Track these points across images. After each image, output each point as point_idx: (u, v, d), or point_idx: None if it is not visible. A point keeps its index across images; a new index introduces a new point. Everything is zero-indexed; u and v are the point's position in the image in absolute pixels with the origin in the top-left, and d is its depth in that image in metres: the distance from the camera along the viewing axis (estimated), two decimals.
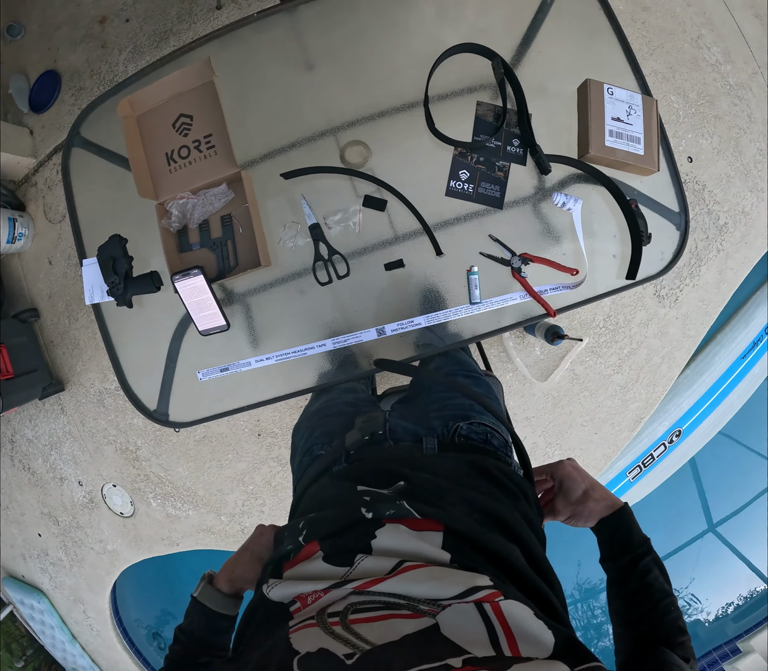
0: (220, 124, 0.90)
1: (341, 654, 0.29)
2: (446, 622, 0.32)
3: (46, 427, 2.01)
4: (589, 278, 0.91)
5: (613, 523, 0.55)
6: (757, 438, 2.26)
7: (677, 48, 1.56)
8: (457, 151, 0.90)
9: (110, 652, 2.36)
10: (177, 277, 0.87)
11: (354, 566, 0.39)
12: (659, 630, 0.48)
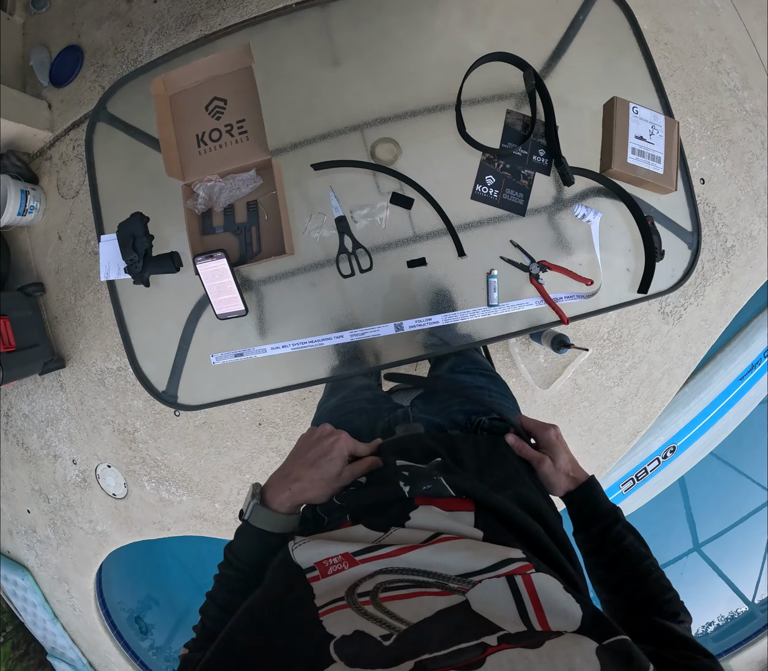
0: (254, 110, 0.90)
1: (377, 635, 0.30)
2: (476, 599, 0.32)
3: (44, 403, 2.02)
4: (602, 289, 0.94)
5: (580, 496, 0.57)
6: (745, 461, 2.34)
7: (697, 71, 1.61)
8: (485, 157, 0.93)
9: (91, 634, 2.38)
10: (200, 259, 0.87)
11: (388, 532, 0.40)
12: (644, 591, 0.49)
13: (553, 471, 0.57)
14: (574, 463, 0.59)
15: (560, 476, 0.57)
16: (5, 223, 1.82)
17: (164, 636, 2.64)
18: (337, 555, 0.38)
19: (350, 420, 0.76)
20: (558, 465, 0.57)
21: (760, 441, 2.35)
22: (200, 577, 2.64)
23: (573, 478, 0.58)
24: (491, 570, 0.35)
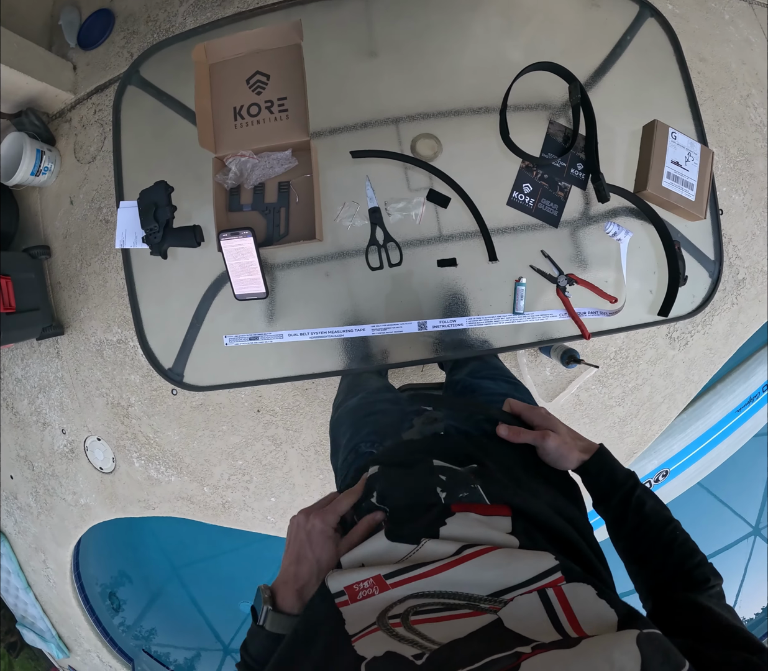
0: (298, 89, 0.88)
1: (409, 655, 0.29)
2: (509, 616, 0.32)
3: (38, 369, 2.00)
4: (624, 308, 0.95)
5: (595, 465, 0.55)
6: (730, 492, 2.40)
7: (726, 103, 1.65)
8: (524, 164, 0.94)
9: (63, 606, 2.39)
10: (225, 235, 0.85)
11: (420, 546, 0.40)
12: (672, 559, 0.48)
13: (560, 442, 0.55)
14: (573, 432, 0.58)
15: (569, 446, 0.55)
16: (17, 181, 1.80)
17: (135, 615, 2.66)
18: (368, 578, 0.37)
19: (374, 421, 0.75)
20: (561, 434, 0.56)
21: (746, 474, 2.43)
22: (177, 559, 2.65)
23: (583, 447, 0.56)
24: (523, 586, 0.35)
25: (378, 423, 0.74)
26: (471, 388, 0.88)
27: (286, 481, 1.80)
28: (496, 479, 0.48)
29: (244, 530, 1.90)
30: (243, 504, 1.84)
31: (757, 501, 2.52)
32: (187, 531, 2.53)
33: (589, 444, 0.57)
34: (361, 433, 0.73)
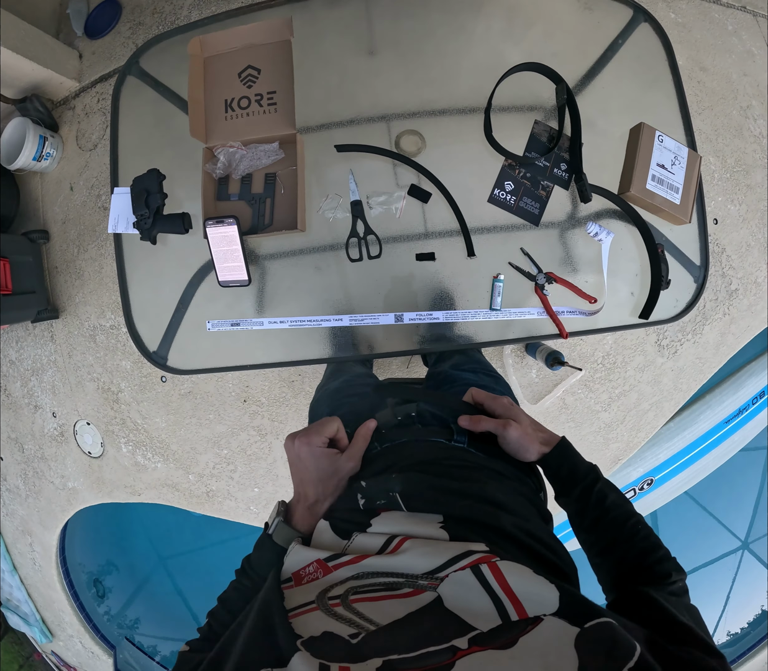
0: (287, 83, 0.93)
1: (346, 634, 0.30)
2: (448, 594, 0.33)
3: (32, 352, 2.07)
4: (604, 309, 0.97)
5: (556, 458, 0.56)
6: (720, 505, 2.44)
7: (725, 113, 1.69)
8: (507, 163, 0.97)
9: (48, 590, 2.46)
10: (210, 223, 0.90)
11: (351, 540, 0.43)
12: (633, 552, 0.49)
13: (521, 433, 0.56)
14: (535, 424, 0.59)
15: (530, 437, 0.56)
16: (19, 165, 1.86)
17: (120, 604, 2.72)
18: (312, 562, 0.40)
19: (352, 403, 0.78)
20: (523, 425, 0.57)
21: (737, 488, 2.47)
22: (164, 549, 2.71)
23: (544, 439, 0.57)
24: (452, 563, 0.35)
25: (355, 406, 0.76)
26: (451, 379, 0.91)
27: (270, 472, 1.85)
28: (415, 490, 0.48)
29: (228, 520, 1.95)
30: (227, 494, 1.90)
31: (747, 516, 2.54)
32: (174, 521, 2.59)
33: (551, 437, 0.58)
34: (338, 413, 0.74)
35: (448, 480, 0.50)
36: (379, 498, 0.47)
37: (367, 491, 0.48)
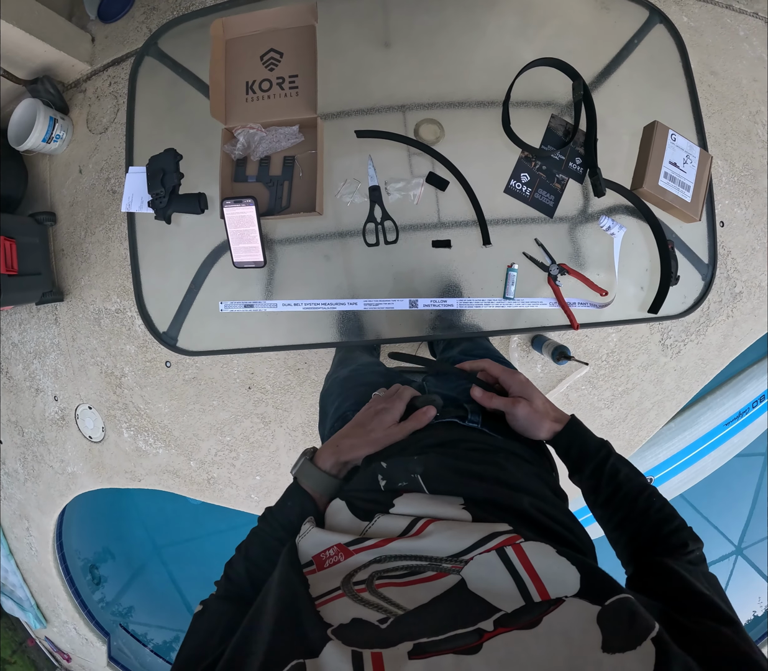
0: (309, 67, 0.94)
1: (375, 620, 0.31)
2: (472, 577, 0.34)
3: (35, 335, 2.07)
4: (614, 303, 0.99)
5: (566, 436, 0.57)
6: (714, 509, 2.48)
7: (734, 117, 1.72)
8: (524, 155, 0.98)
9: (43, 575, 2.47)
10: (228, 202, 0.91)
11: (372, 521, 0.43)
12: (648, 525, 0.50)
13: (531, 411, 0.56)
14: (548, 403, 0.59)
15: (540, 415, 0.56)
16: (29, 147, 1.86)
17: (115, 591, 2.75)
18: (332, 545, 0.40)
19: (362, 392, 0.78)
20: (535, 404, 0.57)
21: (733, 493, 2.51)
22: (160, 538, 2.73)
23: (555, 417, 0.57)
24: (479, 546, 0.36)
25: (365, 394, 0.76)
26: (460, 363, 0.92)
27: (272, 460, 1.86)
28: (436, 472, 0.48)
29: (225, 510, 1.96)
30: (228, 481, 1.91)
31: (741, 521, 2.57)
32: (171, 510, 2.61)
33: (562, 415, 0.58)
34: (349, 401, 0.77)
35: (466, 462, 0.50)
36: (401, 480, 0.47)
37: (387, 472, 0.49)
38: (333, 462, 0.54)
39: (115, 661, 2.58)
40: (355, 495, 0.48)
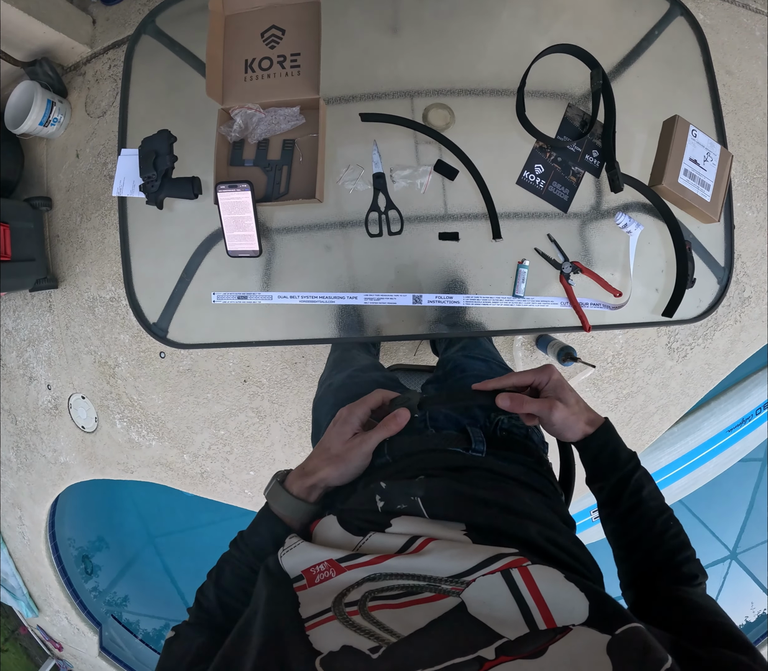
0: (312, 46, 0.89)
1: (366, 648, 0.29)
2: (472, 600, 0.31)
3: (29, 322, 2.03)
4: (628, 304, 0.94)
5: (599, 440, 0.53)
6: (712, 514, 2.47)
7: (749, 118, 1.68)
8: (538, 145, 0.93)
9: (36, 564, 2.45)
10: (222, 187, 0.85)
11: (366, 537, 0.40)
12: (661, 550, 0.47)
13: (568, 414, 0.52)
14: (582, 403, 0.54)
15: (576, 417, 0.52)
16: (25, 130, 1.80)
17: (108, 581, 2.73)
18: (322, 561, 0.37)
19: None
20: (570, 405, 0.52)
21: (730, 498, 2.49)
22: (154, 528, 2.71)
23: (588, 419, 0.53)
24: (482, 567, 0.33)
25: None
26: (461, 368, 0.87)
27: (267, 455, 1.82)
28: (438, 496, 0.45)
29: (220, 502, 1.93)
30: (221, 475, 1.87)
31: (737, 526, 2.56)
32: (166, 500, 2.58)
33: (596, 417, 0.54)
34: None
35: (471, 487, 0.47)
36: (400, 502, 0.44)
37: (386, 493, 0.45)
38: (299, 485, 0.49)
39: (107, 652, 2.56)
40: (349, 513, 0.45)
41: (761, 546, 2.54)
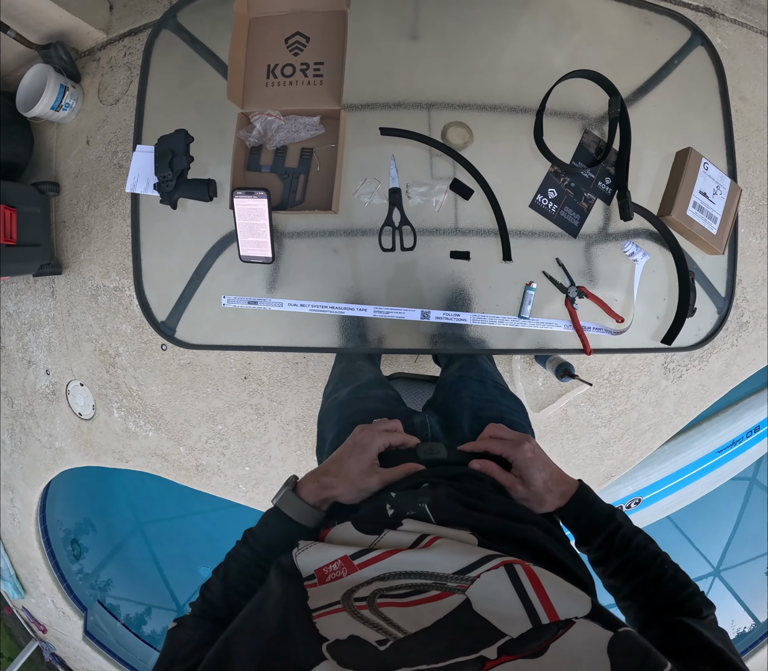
0: (337, 56, 0.88)
1: (373, 640, 0.30)
2: (478, 597, 0.32)
3: (30, 306, 2.02)
4: (629, 330, 0.96)
5: (573, 511, 0.54)
6: (697, 529, 2.51)
7: (759, 145, 1.68)
8: (553, 169, 0.95)
9: (25, 547, 2.47)
10: (239, 193, 0.86)
11: (381, 535, 0.42)
12: (661, 593, 0.48)
13: (527, 494, 0.54)
14: (555, 477, 0.56)
15: (540, 497, 0.54)
16: (36, 113, 1.78)
17: (94, 564, 2.75)
18: (336, 559, 0.39)
19: (363, 420, 0.76)
20: (533, 487, 0.54)
21: (717, 515, 2.53)
22: (143, 514, 2.73)
23: (560, 492, 0.55)
24: (486, 561, 0.35)
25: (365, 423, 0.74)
26: (455, 389, 0.88)
27: (263, 452, 1.84)
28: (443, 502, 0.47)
29: (214, 496, 1.95)
30: (217, 469, 1.89)
31: (722, 543, 2.59)
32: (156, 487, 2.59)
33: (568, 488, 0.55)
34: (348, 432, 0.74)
35: (478, 497, 0.50)
36: (408, 509, 0.47)
37: (396, 501, 0.48)
38: (315, 496, 0.53)
39: (91, 636, 2.59)
40: (360, 519, 0.47)
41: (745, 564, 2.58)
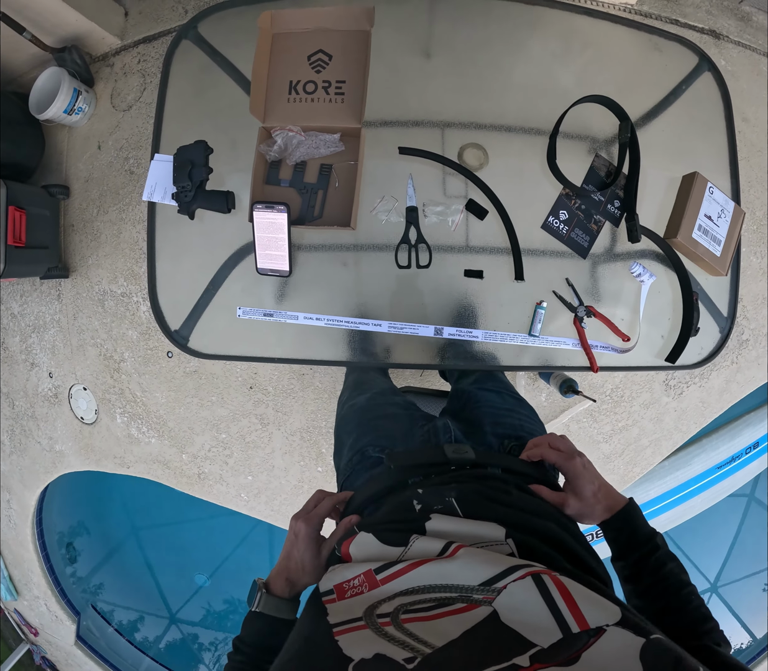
0: (359, 75, 0.89)
1: (400, 658, 0.28)
2: (504, 607, 0.32)
3: (36, 308, 2.02)
4: (634, 348, 0.98)
5: (616, 524, 0.56)
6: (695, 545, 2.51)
7: (760, 166, 1.70)
8: (565, 192, 0.97)
9: (20, 548, 2.44)
10: (259, 207, 0.85)
11: (409, 546, 0.41)
12: (684, 621, 0.48)
13: (579, 508, 0.56)
14: (605, 490, 0.57)
15: (591, 508, 0.56)
16: (49, 116, 1.78)
17: (88, 568, 2.72)
18: (359, 574, 0.38)
19: (383, 425, 0.76)
20: (584, 500, 0.56)
21: (715, 531, 2.53)
22: (139, 520, 2.70)
23: (607, 506, 0.56)
24: (512, 572, 0.34)
25: (386, 429, 0.75)
26: (475, 399, 0.89)
27: (266, 462, 1.82)
28: (470, 497, 0.48)
29: (212, 503, 1.93)
30: (219, 478, 1.87)
31: (719, 559, 2.58)
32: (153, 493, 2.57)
33: (615, 503, 0.57)
34: (370, 436, 0.74)
35: (500, 492, 0.51)
36: (436, 503, 0.47)
37: (423, 497, 0.49)
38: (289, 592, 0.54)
39: (83, 641, 2.56)
40: (383, 524, 0.47)
41: (742, 580, 2.57)
